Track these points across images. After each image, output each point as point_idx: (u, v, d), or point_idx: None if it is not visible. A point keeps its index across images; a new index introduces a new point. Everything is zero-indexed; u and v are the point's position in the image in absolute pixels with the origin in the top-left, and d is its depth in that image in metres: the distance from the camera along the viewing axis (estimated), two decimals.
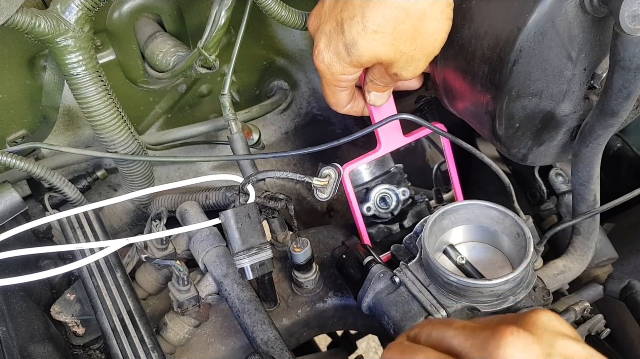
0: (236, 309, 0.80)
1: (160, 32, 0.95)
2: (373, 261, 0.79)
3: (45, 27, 0.74)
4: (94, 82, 0.80)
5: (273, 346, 0.75)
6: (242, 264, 0.77)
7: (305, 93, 1.17)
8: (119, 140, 0.86)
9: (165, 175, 1.14)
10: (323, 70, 0.74)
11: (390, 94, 0.83)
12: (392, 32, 0.67)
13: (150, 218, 0.85)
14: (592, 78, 0.72)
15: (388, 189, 0.93)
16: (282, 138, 1.20)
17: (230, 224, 0.76)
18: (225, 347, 0.84)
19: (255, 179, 0.79)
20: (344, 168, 0.84)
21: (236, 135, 0.86)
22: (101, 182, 1.06)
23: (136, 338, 0.74)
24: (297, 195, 1.22)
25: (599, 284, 0.91)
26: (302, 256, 0.83)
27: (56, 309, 0.80)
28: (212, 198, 0.96)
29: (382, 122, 0.80)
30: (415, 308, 0.73)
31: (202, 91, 1.08)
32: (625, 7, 0.58)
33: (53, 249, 0.78)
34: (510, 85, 0.69)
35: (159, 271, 0.89)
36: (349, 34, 0.69)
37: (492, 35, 0.68)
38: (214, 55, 0.83)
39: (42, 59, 0.89)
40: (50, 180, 0.87)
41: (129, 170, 0.92)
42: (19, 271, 0.75)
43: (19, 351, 0.69)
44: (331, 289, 0.89)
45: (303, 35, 1.06)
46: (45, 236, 0.93)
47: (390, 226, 0.93)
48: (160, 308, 0.89)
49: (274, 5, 0.80)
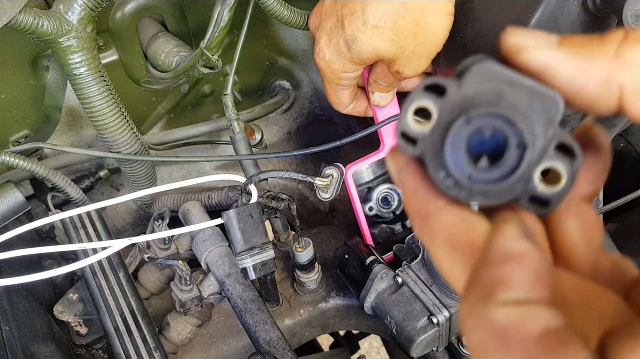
0: (238, 309, 0.80)
1: (162, 32, 0.95)
2: (375, 261, 0.79)
3: (48, 27, 0.74)
4: (97, 82, 0.80)
5: (275, 346, 0.75)
6: (244, 264, 0.77)
7: (307, 93, 1.17)
8: (121, 140, 0.86)
9: (167, 175, 1.14)
10: (324, 68, 0.74)
11: (394, 95, 0.83)
12: (392, 27, 0.67)
13: (153, 218, 0.85)
14: None
15: (390, 189, 0.93)
16: (285, 138, 1.20)
17: (233, 224, 0.76)
18: (228, 347, 0.84)
19: (258, 179, 0.79)
20: (347, 169, 0.84)
21: (239, 135, 0.86)
22: (104, 182, 1.06)
23: (139, 338, 0.74)
24: (300, 195, 1.22)
25: None
26: (304, 256, 0.83)
27: (59, 309, 0.80)
28: (214, 198, 0.96)
29: (385, 122, 0.80)
30: (418, 308, 0.73)
31: (204, 91, 1.08)
32: (629, 6, 0.58)
33: (56, 249, 0.78)
34: None
35: (162, 271, 0.89)
36: (350, 29, 0.69)
37: (495, 35, 0.68)
38: (216, 55, 0.83)
39: (45, 59, 0.90)
40: (53, 180, 0.87)
41: (132, 170, 0.92)
42: (22, 271, 0.75)
43: (21, 350, 0.70)
44: (333, 289, 0.89)
45: (305, 35, 1.06)
46: (48, 236, 0.94)
47: (392, 226, 0.93)
48: (163, 308, 0.89)
49: (276, 5, 0.80)
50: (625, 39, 0.28)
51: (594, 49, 0.29)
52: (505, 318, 0.25)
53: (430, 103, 0.29)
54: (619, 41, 0.28)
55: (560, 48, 0.29)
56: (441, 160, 0.29)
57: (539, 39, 0.30)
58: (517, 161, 0.29)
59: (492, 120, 0.29)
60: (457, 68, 0.30)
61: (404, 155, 0.31)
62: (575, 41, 0.29)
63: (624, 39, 0.28)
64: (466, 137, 0.29)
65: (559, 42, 0.29)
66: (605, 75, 0.28)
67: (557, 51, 0.29)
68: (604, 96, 0.28)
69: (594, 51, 0.28)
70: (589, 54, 0.29)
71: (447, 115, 0.29)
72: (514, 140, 0.29)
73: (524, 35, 0.30)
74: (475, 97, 0.29)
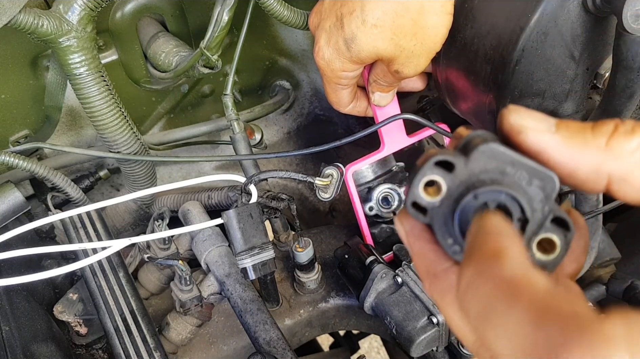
0: (238, 309, 0.80)
1: (162, 32, 0.95)
2: (375, 261, 0.79)
3: (48, 27, 0.74)
4: (97, 82, 0.80)
5: (275, 346, 0.75)
6: (244, 264, 0.77)
7: (307, 93, 1.17)
8: (121, 140, 0.86)
9: (167, 175, 1.14)
10: (323, 67, 0.74)
11: (394, 94, 0.83)
12: (391, 26, 0.67)
13: (153, 218, 0.85)
14: (595, 78, 0.72)
15: (390, 189, 0.93)
16: (285, 138, 1.20)
17: (233, 224, 0.76)
18: (228, 347, 0.84)
19: (258, 179, 0.79)
20: (347, 169, 0.84)
21: (239, 135, 0.86)
22: (104, 182, 1.06)
23: (139, 338, 0.74)
24: (300, 195, 1.22)
25: (601, 284, 0.91)
26: (304, 256, 0.83)
27: (59, 309, 0.80)
28: (214, 198, 0.96)
29: (385, 122, 0.80)
30: (418, 308, 0.73)
31: (204, 91, 1.08)
32: (629, 6, 0.58)
33: (56, 249, 0.78)
34: (512, 85, 0.68)
35: (162, 271, 0.89)
36: (349, 28, 0.69)
37: (495, 34, 0.68)
38: (216, 55, 0.83)
39: (45, 59, 0.90)
40: (53, 180, 0.87)
41: (132, 170, 0.92)
42: (21, 271, 0.75)
43: (21, 350, 0.70)
44: (333, 289, 0.89)
45: (305, 35, 1.06)
46: (48, 236, 0.94)
47: (392, 226, 0.93)
48: (163, 308, 0.89)
49: (276, 5, 0.80)
50: (615, 131, 0.32)
51: (587, 138, 0.32)
52: (517, 272, 0.27)
53: (440, 178, 0.33)
54: (609, 133, 0.32)
55: (557, 132, 0.32)
56: (449, 229, 0.33)
57: (538, 122, 0.33)
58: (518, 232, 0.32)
59: (497, 195, 0.32)
60: (462, 141, 0.34)
61: (412, 220, 0.35)
62: (571, 127, 0.32)
63: (614, 131, 0.32)
64: (473, 210, 0.32)
65: (557, 126, 0.33)
66: (595, 163, 0.32)
67: (554, 135, 0.33)
68: (594, 180, 0.32)
69: (587, 140, 0.32)
70: (582, 143, 0.32)
71: (455, 189, 0.33)
72: (516, 214, 0.32)
73: (524, 117, 0.33)
74: (481, 174, 0.33)
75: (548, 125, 0.33)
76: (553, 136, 0.32)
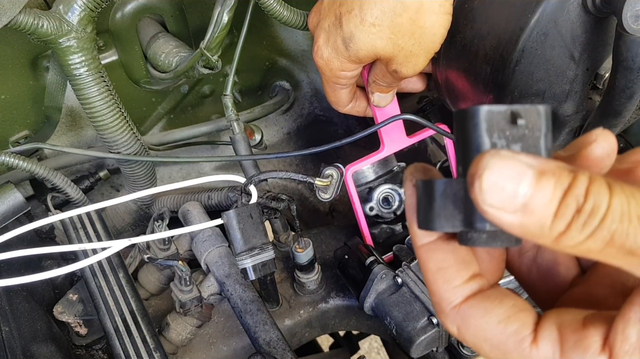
0: (238, 310, 0.80)
1: (162, 33, 0.95)
2: (375, 262, 0.79)
3: (48, 27, 0.74)
4: (97, 82, 0.80)
5: (275, 347, 0.75)
6: (244, 264, 0.77)
7: (307, 94, 1.17)
8: (121, 140, 0.86)
9: (167, 176, 1.14)
10: (322, 67, 0.74)
11: (394, 95, 0.83)
12: (389, 25, 0.67)
13: (153, 219, 0.85)
14: (594, 78, 0.72)
15: (391, 189, 0.93)
16: (285, 139, 1.20)
17: (233, 224, 0.76)
18: (228, 347, 0.84)
19: (258, 179, 0.79)
20: (347, 170, 0.84)
21: (238, 136, 0.86)
22: (104, 183, 1.06)
23: (139, 338, 0.74)
24: (300, 196, 1.22)
25: None
26: (304, 256, 0.83)
27: (59, 309, 0.80)
28: (214, 198, 0.96)
29: (385, 122, 0.80)
30: (418, 309, 0.73)
31: (204, 92, 1.08)
32: (628, 7, 0.58)
33: (56, 249, 0.78)
34: (512, 86, 0.68)
35: (162, 272, 0.89)
36: (347, 27, 0.69)
37: (495, 35, 0.68)
38: (216, 55, 0.83)
39: (45, 60, 0.90)
40: (53, 181, 0.87)
41: (132, 170, 0.92)
42: (21, 272, 0.75)
43: (21, 351, 0.70)
44: (333, 289, 0.89)
45: (305, 35, 1.06)
46: (48, 237, 0.94)
47: (392, 226, 0.93)
48: (163, 309, 0.89)
49: (276, 5, 0.80)
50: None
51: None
52: (528, 190, 0.29)
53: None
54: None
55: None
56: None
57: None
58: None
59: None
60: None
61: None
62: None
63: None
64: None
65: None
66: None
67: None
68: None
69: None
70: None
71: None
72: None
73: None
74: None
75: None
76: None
